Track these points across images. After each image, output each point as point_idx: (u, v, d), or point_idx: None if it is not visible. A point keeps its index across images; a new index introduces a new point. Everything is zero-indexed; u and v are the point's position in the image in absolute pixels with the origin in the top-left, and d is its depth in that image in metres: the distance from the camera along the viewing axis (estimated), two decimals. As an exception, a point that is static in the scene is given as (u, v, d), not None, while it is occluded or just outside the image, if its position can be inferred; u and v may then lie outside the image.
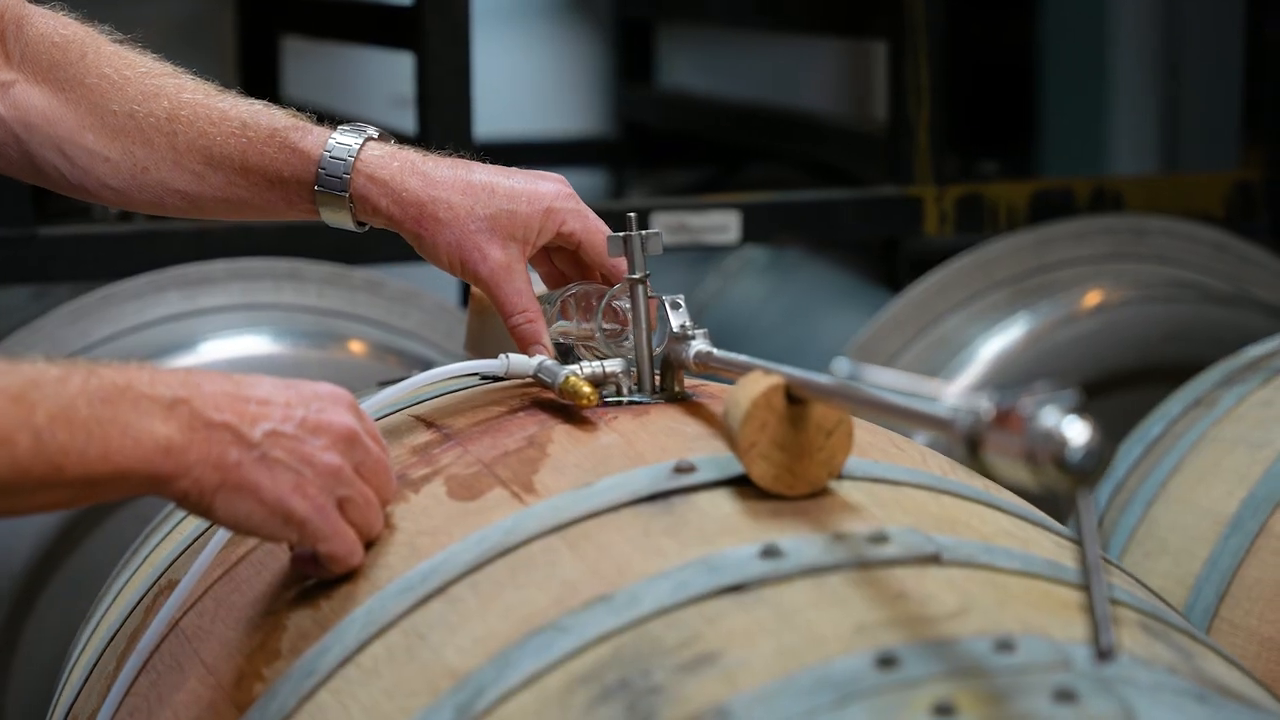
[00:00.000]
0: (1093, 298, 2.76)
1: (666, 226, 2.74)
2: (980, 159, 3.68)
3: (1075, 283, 2.78)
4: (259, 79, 3.67)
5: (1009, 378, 2.70)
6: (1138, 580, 1.43)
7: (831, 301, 3.25)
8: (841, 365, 1.13)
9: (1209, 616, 1.95)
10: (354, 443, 1.34)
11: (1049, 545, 1.34)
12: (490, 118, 3.71)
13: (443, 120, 2.62)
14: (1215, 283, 2.86)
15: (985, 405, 1.05)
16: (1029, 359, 2.71)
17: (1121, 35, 4.41)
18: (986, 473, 1.08)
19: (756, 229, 2.82)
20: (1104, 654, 1.03)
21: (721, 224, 2.77)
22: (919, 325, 2.78)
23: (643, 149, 4.05)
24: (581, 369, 1.50)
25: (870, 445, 1.43)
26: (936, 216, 2.91)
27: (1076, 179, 3.10)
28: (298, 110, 1.63)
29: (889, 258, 3.26)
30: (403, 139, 2.94)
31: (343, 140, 1.59)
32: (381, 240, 1.78)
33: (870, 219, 2.90)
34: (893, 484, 1.37)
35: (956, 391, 1.08)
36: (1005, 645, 1.13)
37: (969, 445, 1.07)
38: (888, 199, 2.92)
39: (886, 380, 1.13)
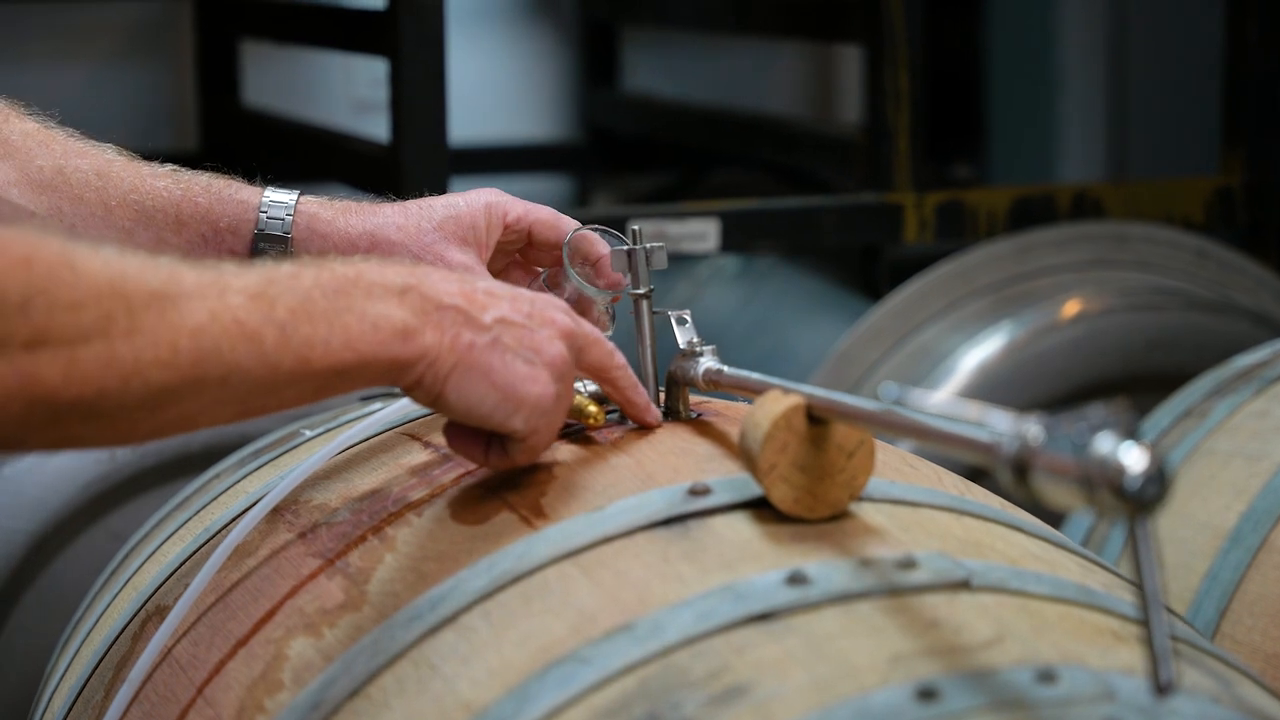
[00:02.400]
0: (1075, 306, 2.73)
1: (644, 235, 2.70)
2: (953, 162, 3.66)
3: (1057, 291, 2.76)
4: (217, 84, 3.62)
5: (991, 388, 2.67)
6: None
7: (806, 310, 3.21)
8: (889, 390, 1.09)
9: (1210, 632, 1.92)
10: (574, 336, 1.35)
11: (1075, 569, 1.31)
12: (454, 123, 3.67)
13: (417, 125, 2.58)
14: (1198, 290, 2.83)
15: (1035, 429, 1.02)
16: (1011, 368, 2.68)
17: (1069, 41, 4.40)
18: (1032, 499, 1.04)
19: (735, 237, 2.79)
20: (1163, 689, 1.00)
21: (700, 232, 2.74)
22: (898, 334, 2.75)
23: (608, 154, 4.01)
24: (585, 387, 1.46)
25: (884, 464, 1.39)
26: (916, 224, 2.88)
27: (1057, 185, 3.07)
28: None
29: (868, 265, 3.23)
30: (370, 144, 2.90)
31: (278, 193, 1.59)
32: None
33: (850, 226, 2.87)
34: (913, 505, 1.33)
35: (1003, 415, 1.04)
36: (1047, 676, 1.10)
37: (1016, 470, 1.03)
38: (867, 206, 2.89)
39: (930, 405, 1.09)
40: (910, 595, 1.19)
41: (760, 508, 1.29)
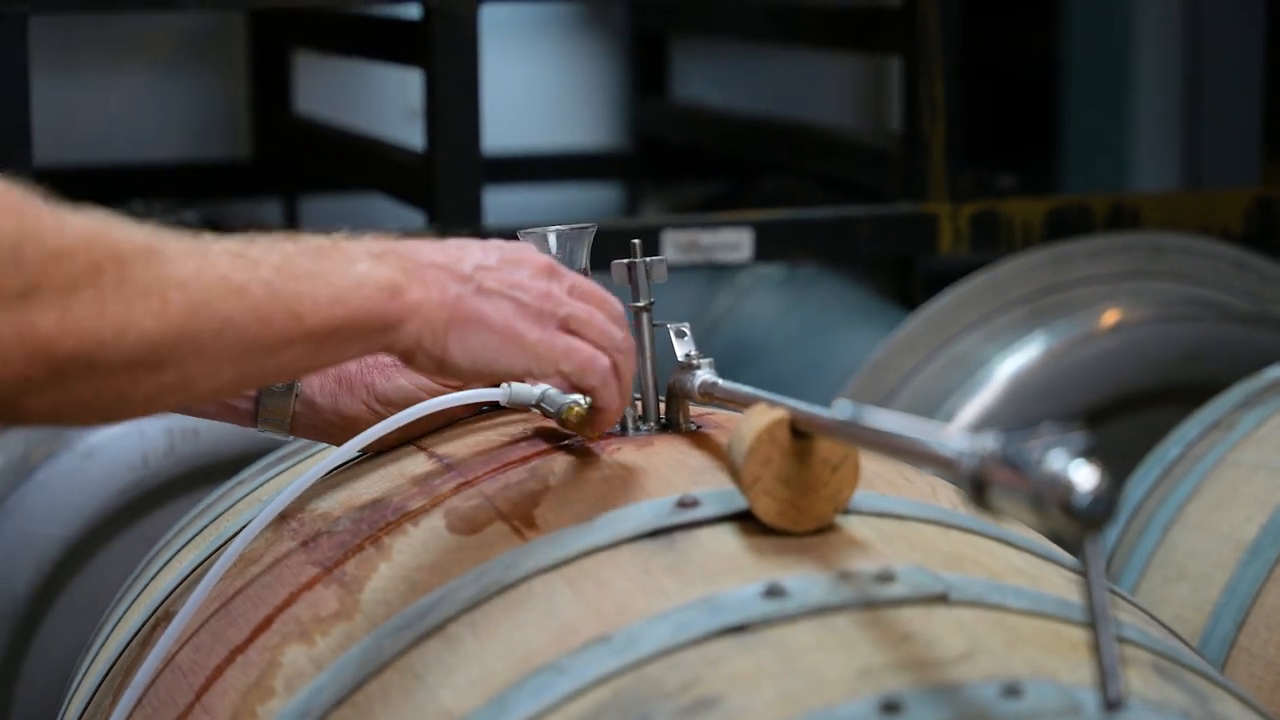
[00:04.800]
0: (1110, 316, 2.73)
1: (678, 244, 2.71)
2: (998, 172, 3.65)
3: (1092, 301, 2.75)
4: (271, 93, 3.65)
5: (1026, 397, 2.67)
6: (1152, 617, 1.40)
7: (846, 319, 3.22)
8: (843, 407, 1.10)
9: (1227, 645, 1.92)
10: (555, 271, 1.36)
11: (1060, 582, 1.31)
12: (504, 131, 3.69)
13: (451, 135, 2.60)
14: (1235, 301, 2.82)
15: (991, 446, 1.02)
16: (1046, 378, 2.68)
17: (1144, 48, 4.38)
18: (991, 514, 1.05)
19: (769, 247, 2.79)
20: (1112, 704, 1.00)
21: (733, 242, 2.74)
22: (934, 344, 2.75)
23: (658, 162, 4.02)
24: (584, 399, 1.47)
25: (877, 477, 1.40)
26: (951, 234, 2.88)
27: (1094, 195, 3.06)
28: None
29: (903, 275, 3.23)
30: (407, 153, 2.92)
31: None
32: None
33: (884, 236, 2.87)
34: (900, 519, 1.34)
35: (961, 431, 1.05)
36: (1013, 690, 1.10)
37: (974, 486, 1.04)
38: (902, 216, 2.89)
39: (887, 422, 1.10)
40: (886, 609, 1.20)
41: (747, 520, 1.30)
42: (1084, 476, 0.98)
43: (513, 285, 1.32)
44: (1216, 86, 4.31)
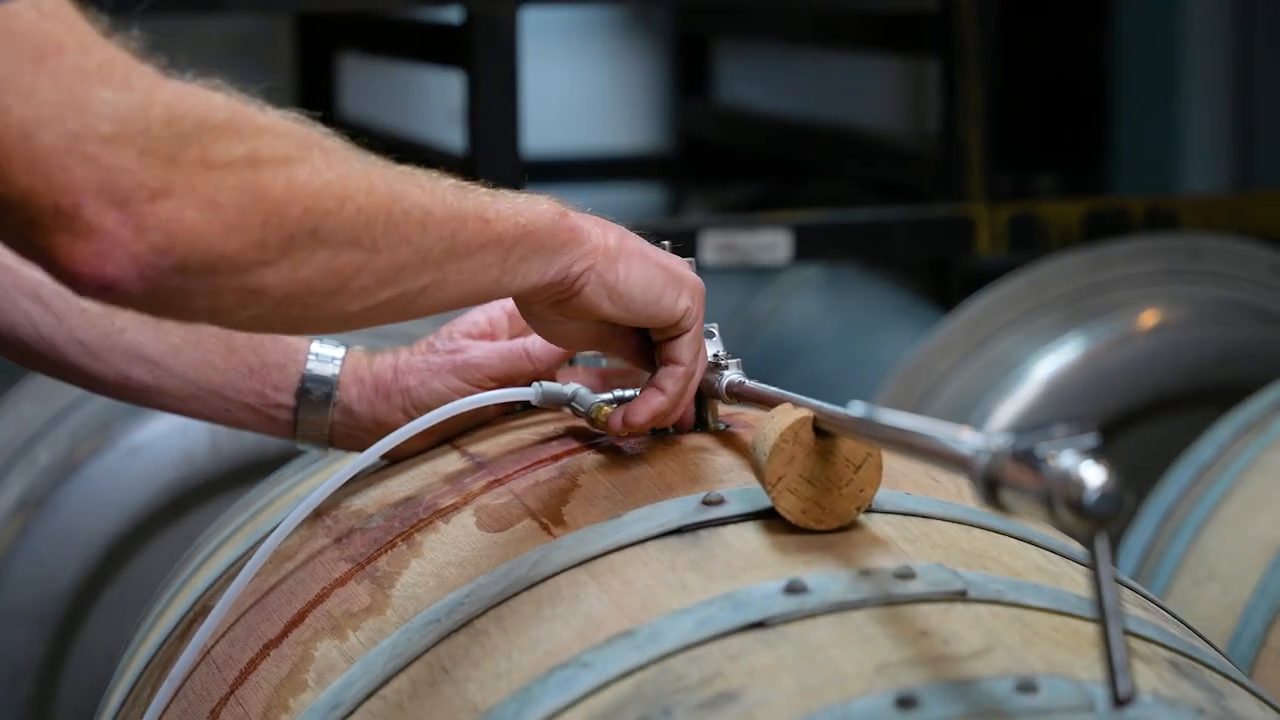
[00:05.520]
0: (1147, 318, 2.74)
1: (716, 246, 2.73)
2: (1039, 174, 3.65)
3: (1129, 303, 2.77)
4: (317, 95, 3.68)
5: (1062, 398, 2.68)
6: (1174, 615, 1.41)
7: (886, 320, 3.23)
8: (856, 408, 1.12)
9: (1257, 645, 1.93)
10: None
11: (1082, 581, 1.32)
12: (548, 133, 3.72)
13: (491, 138, 2.63)
14: (1272, 303, 2.83)
15: (1003, 445, 1.04)
16: (1083, 380, 2.69)
17: (1193, 51, 4.38)
18: (1004, 512, 1.07)
19: (807, 248, 2.81)
20: (1121, 700, 1.02)
21: (771, 243, 2.76)
22: (971, 345, 2.76)
23: (700, 164, 4.05)
24: (614, 398, 1.50)
25: (903, 476, 1.42)
26: (989, 236, 2.89)
27: (1132, 198, 3.07)
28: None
29: (941, 276, 3.25)
30: (447, 155, 2.95)
31: (324, 346, 1.57)
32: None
33: (922, 238, 2.89)
34: (923, 518, 1.35)
35: (975, 431, 1.07)
36: (1027, 686, 1.12)
37: (987, 484, 1.06)
38: (939, 218, 2.90)
39: (904, 421, 1.12)
40: (905, 605, 1.21)
41: (771, 518, 1.32)
42: (1093, 475, 0.99)
43: (657, 250, 1.40)
44: (1266, 89, 4.31)
